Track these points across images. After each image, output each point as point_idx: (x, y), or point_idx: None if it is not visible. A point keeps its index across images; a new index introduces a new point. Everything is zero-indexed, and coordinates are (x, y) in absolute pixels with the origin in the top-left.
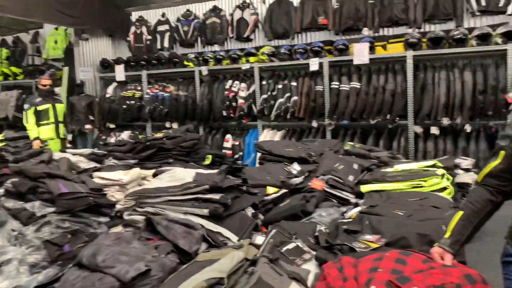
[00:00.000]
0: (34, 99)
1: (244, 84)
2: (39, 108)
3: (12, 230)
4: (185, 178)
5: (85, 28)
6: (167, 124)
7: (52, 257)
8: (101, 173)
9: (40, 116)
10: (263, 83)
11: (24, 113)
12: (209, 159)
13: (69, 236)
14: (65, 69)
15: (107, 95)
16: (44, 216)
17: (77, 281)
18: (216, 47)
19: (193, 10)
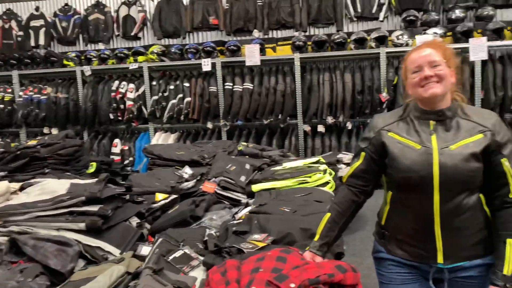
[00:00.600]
0: None
1: (133, 85)
2: None
3: None
4: (58, 191)
5: None
6: (45, 130)
7: None
8: None
9: None
10: (153, 84)
11: None
12: (94, 167)
13: None
14: None
15: None
16: None
17: None
18: (101, 46)
19: (73, 5)
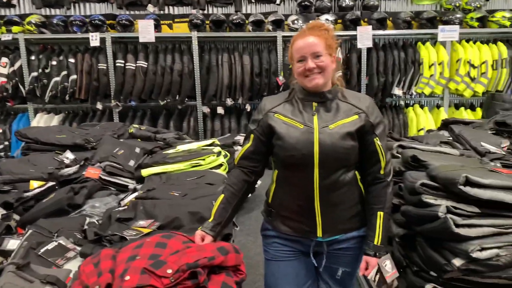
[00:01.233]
0: None
1: (6, 59)
2: None
3: None
4: None
5: None
6: None
7: None
8: None
9: None
10: (32, 59)
11: None
12: None
13: None
14: None
15: None
16: None
17: None
18: None
19: None
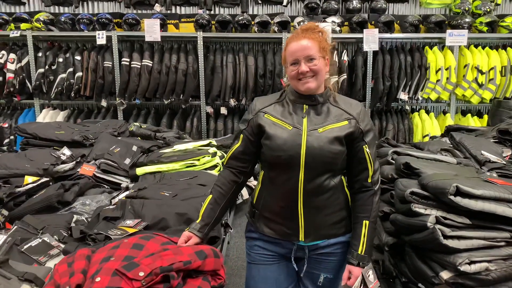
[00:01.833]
0: None
1: (14, 55)
2: None
3: None
4: None
5: None
6: None
7: None
8: None
9: None
10: (39, 55)
11: None
12: None
13: None
14: None
15: None
16: None
17: None
18: None
19: None
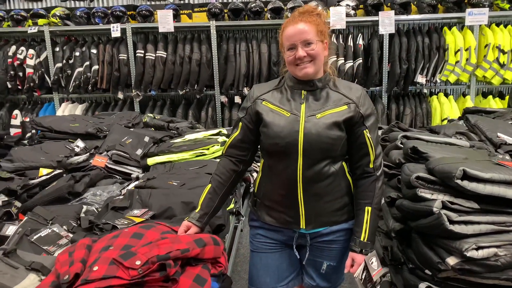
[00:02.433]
0: None
1: (33, 51)
2: None
3: None
4: None
5: None
6: None
7: None
8: None
9: None
10: (57, 50)
11: None
12: None
13: None
14: None
15: None
16: None
17: None
18: None
19: None
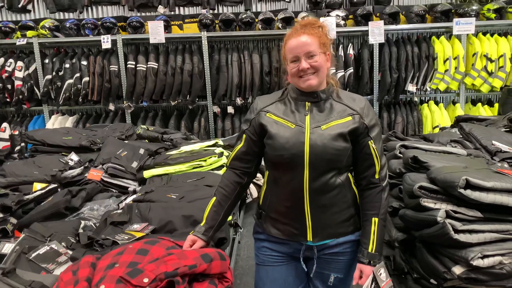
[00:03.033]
0: None
1: (21, 63)
2: None
3: None
4: None
5: None
6: None
7: None
8: None
9: None
10: (46, 62)
11: None
12: None
13: None
14: None
15: None
16: None
17: None
18: None
19: None
